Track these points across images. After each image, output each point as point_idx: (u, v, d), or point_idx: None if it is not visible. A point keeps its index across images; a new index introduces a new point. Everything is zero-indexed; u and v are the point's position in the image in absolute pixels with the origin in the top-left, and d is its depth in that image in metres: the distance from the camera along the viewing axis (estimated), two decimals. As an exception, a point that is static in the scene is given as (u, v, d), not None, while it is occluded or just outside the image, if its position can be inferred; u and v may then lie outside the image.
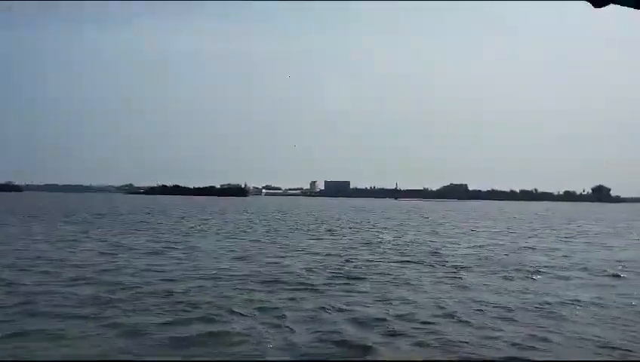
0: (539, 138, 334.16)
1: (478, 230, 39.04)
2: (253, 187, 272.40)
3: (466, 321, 10.41)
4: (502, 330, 9.79)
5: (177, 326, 9.61)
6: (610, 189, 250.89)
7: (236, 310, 10.84)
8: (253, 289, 13.10)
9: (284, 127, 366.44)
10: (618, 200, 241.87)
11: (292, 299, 12.08)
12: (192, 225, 38.55)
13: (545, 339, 9.26)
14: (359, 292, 13.19)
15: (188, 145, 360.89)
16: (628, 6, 1.82)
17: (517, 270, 17.67)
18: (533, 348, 8.82)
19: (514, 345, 8.94)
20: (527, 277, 16.20)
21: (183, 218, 48.26)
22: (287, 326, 9.71)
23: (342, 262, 18.87)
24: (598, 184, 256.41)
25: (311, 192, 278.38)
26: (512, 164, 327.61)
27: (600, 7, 1.74)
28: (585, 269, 18.50)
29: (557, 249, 25.60)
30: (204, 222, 43.13)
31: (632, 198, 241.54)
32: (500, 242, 28.61)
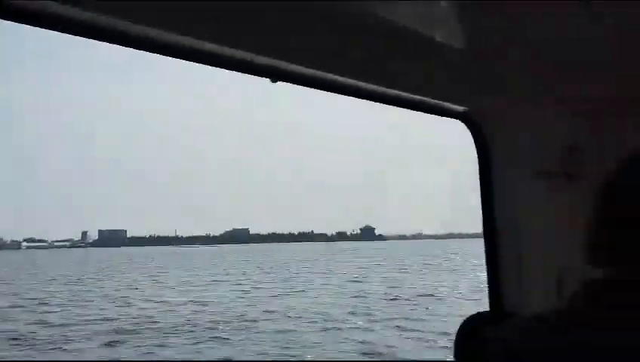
0: (310, 183, 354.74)
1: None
2: (12, 240, 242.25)
3: None
4: None
5: None
6: (374, 228, 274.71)
7: None
8: None
9: (59, 174, 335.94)
10: (381, 238, 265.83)
11: None
12: None
13: None
14: None
15: None
16: None
17: None
18: None
19: None
20: None
21: None
22: None
23: None
24: (365, 225, 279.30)
25: (82, 243, 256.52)
26: (289, 206, 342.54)
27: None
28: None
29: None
30: None
31: (393, 236, 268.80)
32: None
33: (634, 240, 1.11)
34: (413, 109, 2.01)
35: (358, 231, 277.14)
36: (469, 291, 24.42)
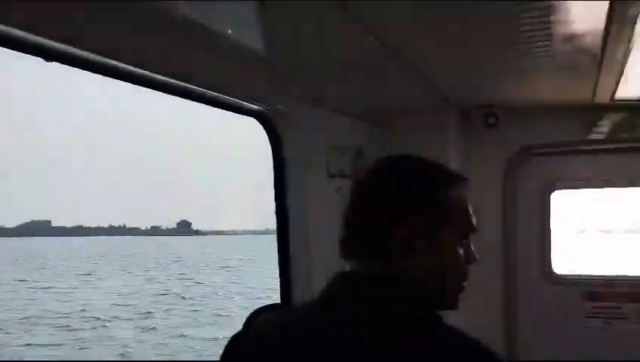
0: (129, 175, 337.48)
1: None
2: None
3: None
4: None
5: None
6: (191, 223, 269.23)
7: None
8: None
9: None
10: (198, 233, 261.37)
11: None
12: None
13: None
14: None
15: None
16: None
17: None
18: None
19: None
20: None
21: None
22: None
23: None
24: (182, 219, 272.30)
25: None
26: (104, 199, 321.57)
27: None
28: None
29: None
30: None
31: (210, 231, 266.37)
32: None
33: (385, 237, 1.23)
34: (211, 105, 2.01)
35: (174, 226, 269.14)
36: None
